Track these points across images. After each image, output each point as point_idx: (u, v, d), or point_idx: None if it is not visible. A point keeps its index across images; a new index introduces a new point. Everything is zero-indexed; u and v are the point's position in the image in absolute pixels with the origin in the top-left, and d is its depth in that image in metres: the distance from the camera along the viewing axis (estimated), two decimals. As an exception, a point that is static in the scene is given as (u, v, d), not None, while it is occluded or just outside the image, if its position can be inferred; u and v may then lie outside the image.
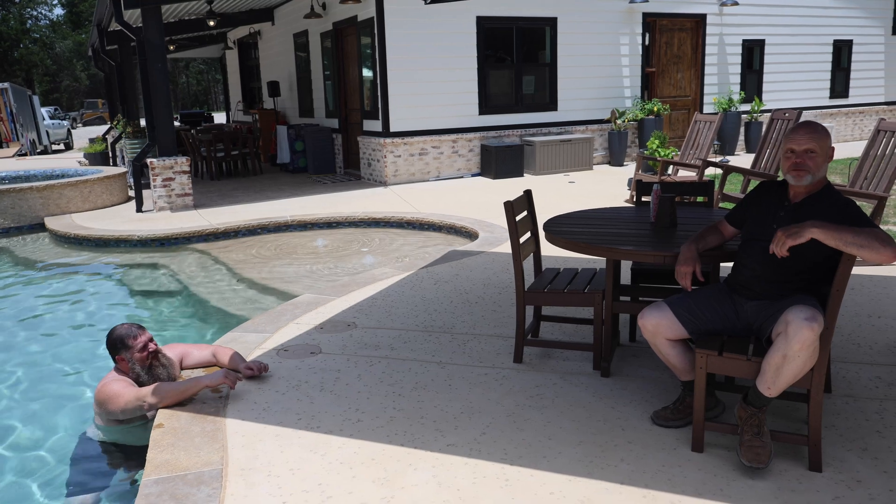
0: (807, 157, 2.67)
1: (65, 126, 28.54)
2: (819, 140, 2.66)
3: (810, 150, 2.66)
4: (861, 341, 3.94)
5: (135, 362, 3.55)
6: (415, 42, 10.74)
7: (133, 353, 3.54)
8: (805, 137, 2.67)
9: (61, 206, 9.72)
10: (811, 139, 2.66)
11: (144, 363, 3.56)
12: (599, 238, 3.35)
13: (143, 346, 3.57)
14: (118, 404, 3.40)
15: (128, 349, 3.55)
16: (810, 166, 2.67)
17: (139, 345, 3.56)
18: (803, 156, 2.67)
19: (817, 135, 2.66)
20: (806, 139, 2.66)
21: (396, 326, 4.42)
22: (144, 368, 3.57)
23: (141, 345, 3.56)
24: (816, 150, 2.66)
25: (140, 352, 3.55)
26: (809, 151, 2.66)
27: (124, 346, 3.55)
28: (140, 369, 3.56)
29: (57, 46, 58.54)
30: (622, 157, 12.32)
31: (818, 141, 2.66)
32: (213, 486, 2.67)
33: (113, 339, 3.60)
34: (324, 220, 8.48)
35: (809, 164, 2.66)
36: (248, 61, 18.25)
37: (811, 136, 2.66)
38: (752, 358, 2.68)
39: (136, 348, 3.55)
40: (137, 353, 3.55)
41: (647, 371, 3.62)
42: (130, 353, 3.55)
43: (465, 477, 2.69)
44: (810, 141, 2.66)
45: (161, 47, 9.07)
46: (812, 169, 2.66)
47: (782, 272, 2.70)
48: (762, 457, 2.58)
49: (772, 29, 13.78)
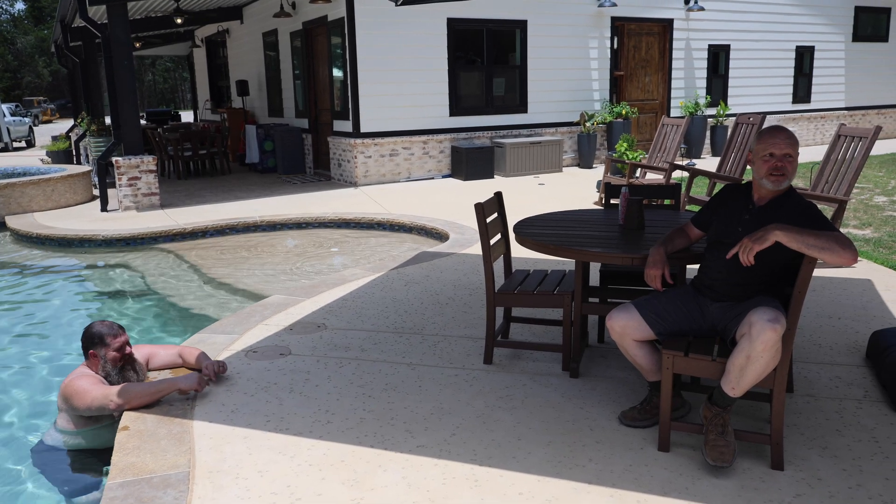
0: (786, 162, 2.71)
1: (26, 123, 27.90)
2: (795, 145, 2.72)
3: (789, 154, 2.71)
4: (822, 342, 4.03)
5: (107, 361, 3.52)
6: (385, 43, 10.72)
7: (108, 352, 3.51)
8: (785, 142, 2.71)
9: (23, 205, 9.51)
10: (789, 144, 2.71)
11: (117, 364, 3.53)
12: (569, 240, 3.38)
13: (120, 346, 3.54)
14: (84, 401, 3.34)
15: (105, 346, 3.52)
16: (789, 171, 2.72)
17: (117, 344, 3.53)
18: (783, 160, 2.71)
19: (794, 140, 2.72)
20: (785, 143, 2.71)
21: (367, 328, 4.41)
22: (116, 369, 3.53)
23: (118, 345, 3.54)
24: (793, 155, 2.72)
25: (116, 351, 3.52)
26: (788, 156, 2.71)
27: (102, 342, 3.52)
28: (111, 369, 3.52)
29: (18, 42, 57.21)
30: (591, 159, 12.44)
31: (795, 147, 2.72)
32: (180, 489, 2.64)
33: (91, 333, 3.56)
34: (293, 221, 8.43)
35: (788, 169, 2.72)
36: (217, 59, 18.04)
37: (789, 140, 2.71)
38: (716, 358, 2.73)
39: (112, 347, 3.52)
40: (113, 353, 3.51)
41: (615, 372, 3.67)
42: (106, 351, 3.51)
43: (434, 478, 2.70)
44: (789, 146, 2.71)
45: (127, 44, 8.92)
46: (790, 173, 2.72)
47: (746, 274, 2.75)
48: (726, 456, 2.63)
49: (737, 34, 14.03)
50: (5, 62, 55.53)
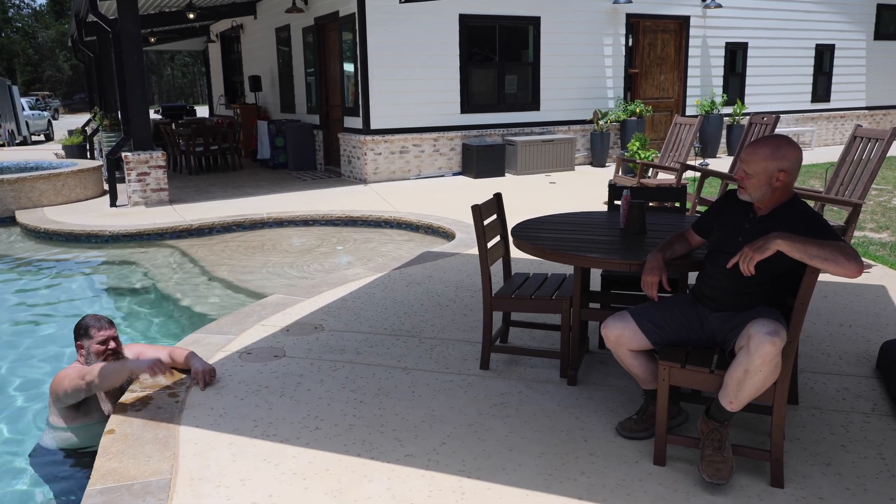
0: (745, 177, 2.64)
1: (45, 117, 28.15)
2: (753, 163, 2.60)
3: (745, 171, 2.64)
4: (831, 351, 3.90)
5: (91, 353, 3.52)
6: (396, 39, 10.64)
7: (92, 344, 3.51)
8: (744, 159, 2.64)
9: (33, 200, 9.54)
10: (745, 161, 2.64)
11: (99, 356, 3.52)
12: (566, 244, 3.28)
13: (103, 339, 3.53)
14: (62, 385, 3.37)
15: (89, 338, 3.52)
16: (747, 186, 2.63)
17: (100, 337, 3.53)
18: (741, 174, 2.65)
19: (756, 156, 2.60)
20: (743, 161, 2.65)
21: (364, 330, 4.34)
22: (99, 362, 3.50)
23: (102, 338, 3.53)
24: (749, 173, 2.62)
25: (99, 344, 3.51)
26: (745, 172, 2.64)
27: (87, 334, 3.53)
28: (94, 361, 3.51)
29: (39, 36, 57.79)
30: (604, 158, 12.29)
31: (752, 164, 2.61)
32: (160, 496, 2.58)
33: (79, 324, 3.59)
34: (300, 218, 8.38)
35: (746, 184, 2.64)
36: (231, 55, 18.05)
37: (749, 157, 2.62)
38: (714, 371, 2.63)
39: (95, 339, 3.52)
40: (96, 345, 3.51)
41: (614, 380, 3.57)
42: (90, 343, 3.52)
43: (420, 490, 2.62)
44: (744, 163, 2.64)
45: (136, 40, 8.91)
46: (749, 189, 2.63)
47: (746, 284, 2.65)
48: (723, 472, 2.53)
49: (755, 32, 13.80)
50: (26, 56, 56.12)
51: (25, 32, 56.99)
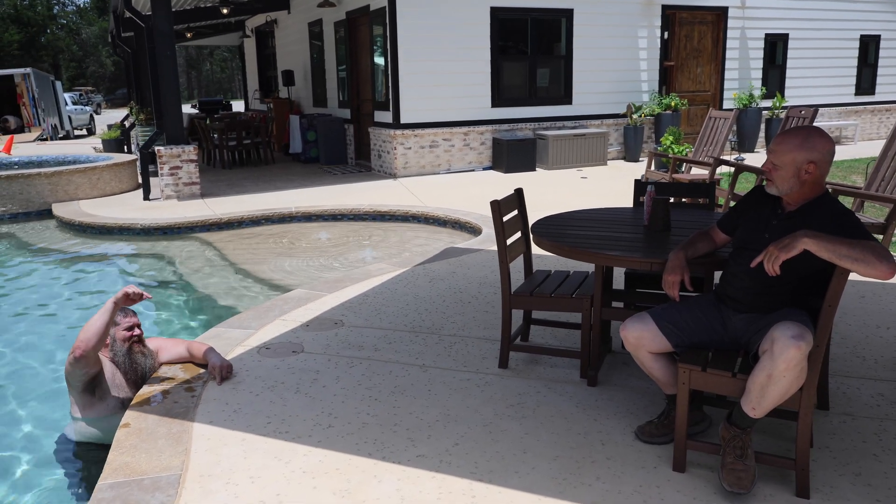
0: (772, 169, 2.51)
1: (87, 111, 28.75)
2: (785, 154, 2.49)
3: (773, 162, 2.52)
4: (866, 354, 3.74)
5: (116, 340, 3.55)
6: (427, 32, 10.57)
7: (118, 331, 3.55)
8: (773, 149, 2.54)
9: (69, 193, 9.71)
10: (773, 153, 2.53)
11: (125, 343, 3.56)
12: (586, 241, 3.19)
13: (129, 326, 3.59)
14: (70, 358, 3.34)
15: (114, 325, 3.55)
16: (774, 178, 2.51)
17: (126, 324, 3.58)
18: (769, 166, 2.53)
19: (783, 148, 2.50)
20: (771, 152, 2.54)
21: (384, 326, 4.30)
22: (124, 349, 3.55)
23: (127, 324, 3.58)
24: (778, 166, 2.51)
25: (125, 330, 3.56)
26: (773, 164, 2.52)
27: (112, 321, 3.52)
28: (119, 348, 3.56)
29: (83, 32, 59.07)
30: (637, 152, 12.08)
31: (780, 156, 2.50)
32: (168, 492, 2.57)
33: None
34: (328, 213, 8.38)
35: (773, 176, 2.51)
36: (265, 50, 18.18)
37: (777, 148, 2.52)
38: (738, 375, 2.52)
39: (122, 326, 3.57)
40: (122, 332, 3.56)
41: (636, 381, 3.46)
42: (115, 330, 3.55)
43: (430, 491, 2.56)
44: (773, 154, 2.53)
45: (169, 35, 8.99)
46: (776, 181, 2.51)
47: (771, 284, 2.53)
48: (744, 481, 2.42)
49: (796, 23, 13.41)
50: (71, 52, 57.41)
51: (70, 29, 58.28)
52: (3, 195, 9.24)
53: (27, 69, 23.20)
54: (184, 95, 58.22)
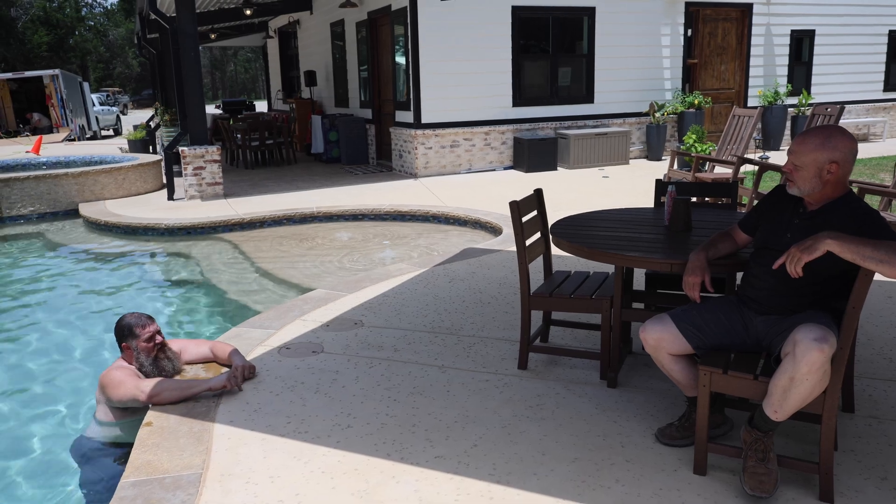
0: (793, 170, 2.48)
1: (114, 112, 29.15)
2: (805, 154, 2.45)
3: (794, 163, 2.48)
4: (894, 356, 3.67)
5: (140, 352, 3.53)
6: (448, 32, 10.57)
7: (139, 343, 3.52)
8: (793, 149, 2.50)
9: (96, 193, 9.86)
10: (794, 153, 2.49)
11: (150, 354, 3.54)
12: (606, 242, 3.17)
13: (149, 336, 3.54)
14: (117, 392, 3.36)
15: (134, 338, 3.53)
16: (795, 179, 2.47)
17: (146, 335, 3.54)
18: (790, 167, 2.50)
19: (804, 148, 2.46)
20: (794, 151, 2.50)
21: (403, 326, 4.30)
22: (149, 359, 3.54)
23: (148, 335, 3.54)
24: (799, 166, 2.47)
25: (146, 342, 3.53)
26: (793, 164, 2.48)
27: (132, 334, 3.53)
28: (145, 359, 3.53)
29: (110, 34, 59.89)
30: (660, 151, 11.98)
31: (800, 156, 2.46)
32: (189, 491, 2.60)
33: (121, 326, 3.58)
34: (349, 213, 8.42)
35: (794, 177, 2.47)
36: (288, 50, 18.30)
37: (797, 148, 2.48)
38: (759, 377, 2.48)
39: (142, 338, 3.53)
40: (143, 343, 3.52)
41: (656, 382, 3.44)
42: (136, 343, 3.52)
43: (448, 493, 2.56)
44: (793, 155, 2.49)
45: (193, 37, 9.08)
46: (797, 182, 2.47)
47: (794, 285, 2.49)
48: (766, 485, 2.39)
49: (823, 19, 13.21)
50: (98, 53, 58.24)
51: (97, 31, 59.12)
52: (32, 195, 9.41)
53: (56, 70, 23.56)
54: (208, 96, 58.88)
